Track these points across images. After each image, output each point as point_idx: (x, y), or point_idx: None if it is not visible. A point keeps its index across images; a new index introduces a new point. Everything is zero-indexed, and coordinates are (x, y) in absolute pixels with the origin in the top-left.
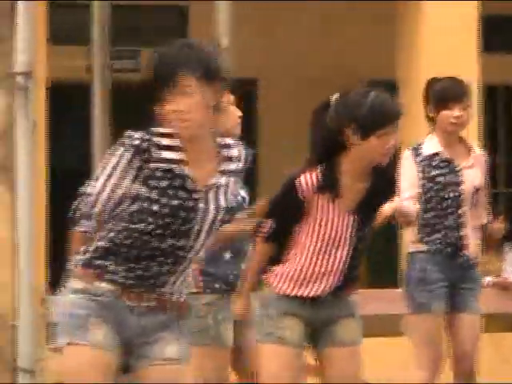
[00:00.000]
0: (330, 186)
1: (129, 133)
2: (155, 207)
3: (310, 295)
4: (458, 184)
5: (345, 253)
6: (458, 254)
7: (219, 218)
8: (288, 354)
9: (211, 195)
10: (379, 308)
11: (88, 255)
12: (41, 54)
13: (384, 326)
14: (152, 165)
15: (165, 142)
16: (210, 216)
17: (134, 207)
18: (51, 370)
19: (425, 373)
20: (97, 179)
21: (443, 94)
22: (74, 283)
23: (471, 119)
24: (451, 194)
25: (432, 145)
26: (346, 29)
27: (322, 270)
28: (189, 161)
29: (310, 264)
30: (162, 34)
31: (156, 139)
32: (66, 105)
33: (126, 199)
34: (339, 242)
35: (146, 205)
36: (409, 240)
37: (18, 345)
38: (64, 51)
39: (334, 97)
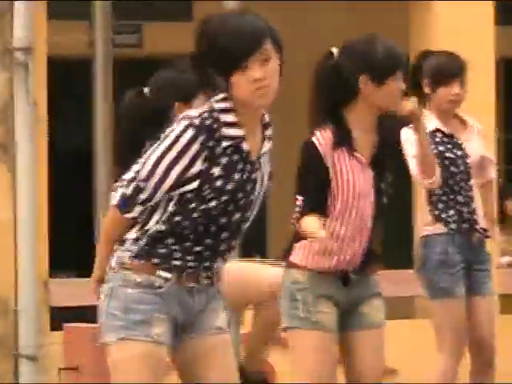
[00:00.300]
0: (345, 139)
1: (190, 112)
2: (220, 184)
3: (343, 265)
4: (465, 158)
5: (368, 213)
6: (473, 228)
7: (269, 185)
8: (326, 340)
9: (262, 163)
10: (392, 290)
11: (142, 243)
12: (41, 28)
13: (396, 308)
14: (217, 143)
15: (227, 118)
16: (264, 184)
17: (197, 186)
18: (54, 356)
19: (448, 358)
20: (154, 161)
21: (441, 69)
22: (132, 275)
23: (488, 96)
24: (461, 168)
25: (430, 121)
26: (354, 29)
27: (349, 234)
28: (247, 133)
29: (335, 228)
30: (165, 8)
31: (218, 116)
32: (68, 81)
33: (188, 179)
34: (362, 199)
35: (210, 182)
36: (421, 223)
37: (19, 331)
38: (65, 26)
39: (335, 50)
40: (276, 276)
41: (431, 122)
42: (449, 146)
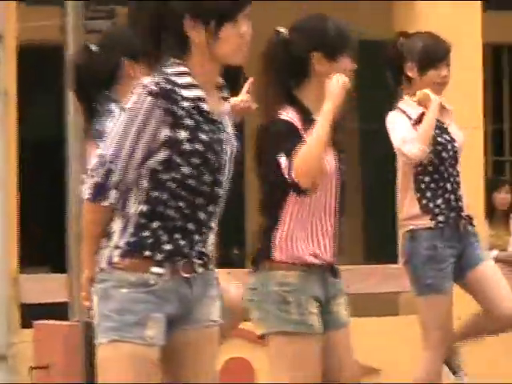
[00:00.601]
0: (309, 121)
1: (143, 80)
2: (188, 146)
3: (324, 255)
4: (453, 142)
5: (334, 194)
6: (460, 216)
7: (238, 145)
8: (319, 342)
9: (225, 123)
10: (375, 286)
11: (128, 234)
12: (11, 15)
13: (380, 305)
14: (177, 105)
15: (184, 80)
16: (233, 145)
17: (166, 155)
18: (24, 354)
19: (433, 356)
20: (119, 138)
21: (429, 52)
22: (125, 275)
23: (475, 86)
24: (450, 153)
25: (415, 107)
26: None
27: (321, 216)
28: (206, 94)
29: (310, 214)
30: None
31: (174, 79)
32: (39, 68)
33: (157, 149)
34: (330, 179)
35: (178, 148)
36: (406, 216)
37: None
38: (36, 11)
39: (282, 29)
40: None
41: (415, 107)
42: (437, 130)
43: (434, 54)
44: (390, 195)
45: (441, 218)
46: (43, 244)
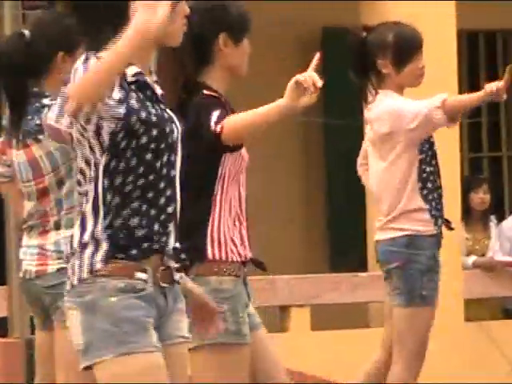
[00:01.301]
0: (227, 102)
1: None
2: (145, 115)
3: (248, 248)
4: (432, 136)
5: (244, 188)
6: (443, 217)
7: (182, 126)
8: (249, 352)
9: (165, 104)
10: (342, 296)
11: (103, 227)
12: None
13: (346, 317)
14: (120, 77)
15: None
16: (178, 125)
17: (123, 115)
18: None
19: (405, 370)
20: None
21: (405, 45)
22: (112, 281)
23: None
24: (436, 147)
25: (397, 100)
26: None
27: (243, 214)
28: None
29: (234, 204)
30: None
31: None
32: None
33: (114, 105)
34: (244, 171)
35: (135, 113)
36: (403, 210)
37: None
38: None
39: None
40: None
41: (398, 99)
42: None
43: (410, 47)
44: (357, 197)
45: (440, 222)
46: None
